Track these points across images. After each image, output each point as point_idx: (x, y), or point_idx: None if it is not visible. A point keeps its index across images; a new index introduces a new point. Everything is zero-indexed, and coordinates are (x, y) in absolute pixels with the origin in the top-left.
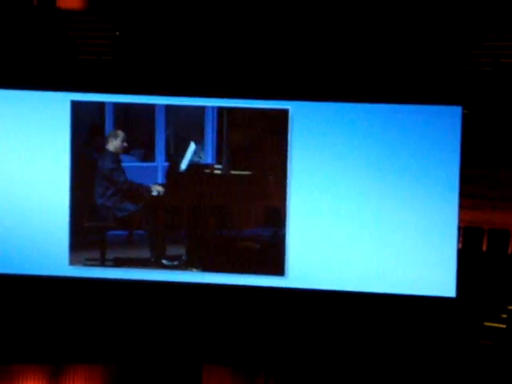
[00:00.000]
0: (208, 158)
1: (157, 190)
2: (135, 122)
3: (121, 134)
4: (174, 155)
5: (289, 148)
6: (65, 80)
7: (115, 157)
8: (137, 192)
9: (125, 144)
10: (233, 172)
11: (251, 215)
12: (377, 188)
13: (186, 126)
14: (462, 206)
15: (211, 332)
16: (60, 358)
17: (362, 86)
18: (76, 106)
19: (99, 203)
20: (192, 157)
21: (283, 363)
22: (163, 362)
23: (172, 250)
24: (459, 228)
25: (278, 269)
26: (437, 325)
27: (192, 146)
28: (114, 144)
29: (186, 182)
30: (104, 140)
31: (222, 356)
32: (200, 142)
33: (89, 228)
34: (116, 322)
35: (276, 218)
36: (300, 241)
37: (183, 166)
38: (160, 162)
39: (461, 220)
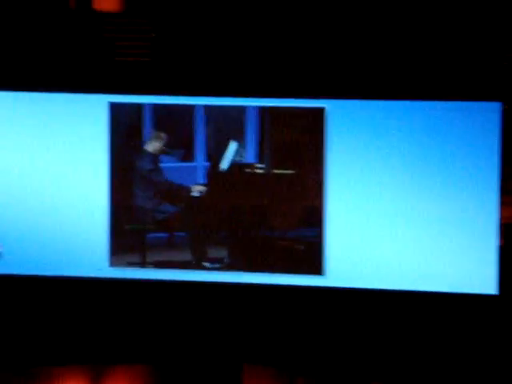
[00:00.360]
0: (249, 156)
1: (197, 190)
2: (174, 121)
3: (164, 137)
4: (215, 154)
5: (325, 146)
6: (102, 82)
7: (154, 157)
8: (176, 193)
9: (165, 148)
10: (275, 171)
11: (294, 215)
12: (415, 185)
13: (226, 124)
14: (503, 203)
15: (251, 332)
16: (101, 359)
17: (399, 82)
18: (114, 108)
19: (138, 205)
20: (233, 156)
21: (324, 363)
22: (204, 362)
23: (213, 252)
24: (500, 225)
25: (317, 268)
26: (478, 322)
27: (233, 145)
28: (154, 145)
29: (226, 181)
30: (142, 139)
31: (263, 356)
32: (241, 141)
33: (129, 231)
34: (157, 322)
35: (317, 218)
36: (339, 240)
37: (224, 165)
38: (200, 162)
39: (501, 217)
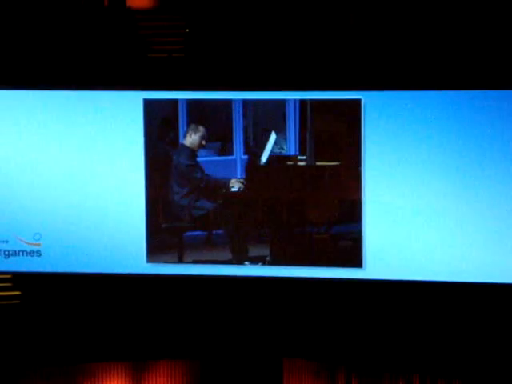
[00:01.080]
0: (291, 148)
1: (236, 185)
2: (211, 114)
3: (202, 129)
4: (254, 147)
5: (362, 138)
6: (137, 79)
7: (191, 152)
8: (215, 188)
9: (203, 142)
10: (319, 163)
11: (334, 208)
12: (453, 176)
13: (265, 115)
14: None
15: (291, 326)
16: (142, 354)
17: (435, 72)
18: (149, 105)
19: (175, 202)
20: (273, 148)
21: (364, 356)
22: (244, 356)
23: (254, 251)
24: None
25: (356, 261)
26: None
27: (273, 137)
28: (192, 139)
29: (267, 175)
30: (178, 134)
31: (303, 350)
32: (281, 132)
33: (165, 229)
34: (197, 317)
35: (356, 211)
36: (377, 232)
37: (264, 158)
38: (238, 155)
39: None
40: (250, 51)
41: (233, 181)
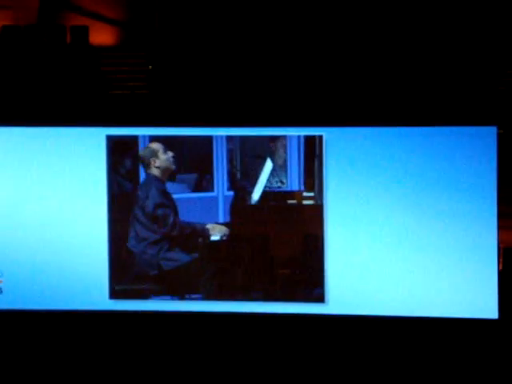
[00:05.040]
0: (293, 182)
1: (218, 232)
2: (184, 139)
3: (160, 147)
4: (242, 181)
5: (324, 174)
6: (99, 115)
7: (162, 184)
8: (187, 238)
9: (173, 166)
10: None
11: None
12: (415, 211)
13: (257, 137)
14: (501, 227)
15: (253, 362)
16: None
17: (396, 109)
18: (112, 141)
19: (135, 252)
20: (269, 181)
21: None
22: None
23: None
24: (499, 249)
25: (318, 296)
26: (480, 346)
27: (268, 166)
28: (158, 164)
29: (260, 218)
30: (138, 163)
31: None
32: (280, 160)
33: (120, 292)
34: (160, 354)
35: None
36: (339, 266)
37: (256, 195)
38: (221, 192)
39: (500, 241)
40: (211, 87)
41: (213, 226)
